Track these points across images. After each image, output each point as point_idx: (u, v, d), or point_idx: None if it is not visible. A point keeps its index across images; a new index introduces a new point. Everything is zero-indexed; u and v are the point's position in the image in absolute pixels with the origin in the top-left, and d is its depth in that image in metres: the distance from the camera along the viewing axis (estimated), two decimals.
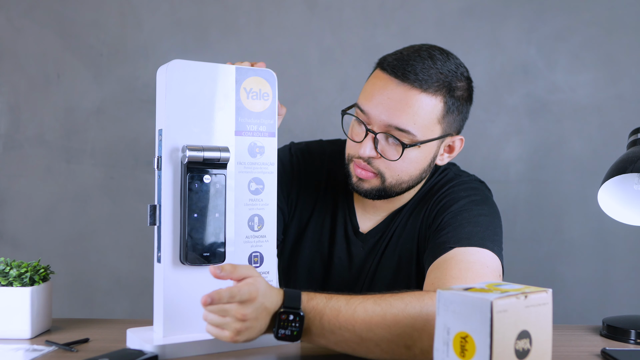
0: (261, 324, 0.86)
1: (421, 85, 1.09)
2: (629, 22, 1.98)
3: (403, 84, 1.09)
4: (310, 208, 1.27)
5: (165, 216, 0.94)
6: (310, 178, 1.29)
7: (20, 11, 2.06)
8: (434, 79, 1.10)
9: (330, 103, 2.02)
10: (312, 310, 0.88)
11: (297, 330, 0.87)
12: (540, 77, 2.00)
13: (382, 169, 1.13)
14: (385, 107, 1.10)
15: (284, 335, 0.87)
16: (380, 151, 1.12)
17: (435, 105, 1.11)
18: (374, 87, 1.13)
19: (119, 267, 2.05)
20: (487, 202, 1.16)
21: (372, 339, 0.87)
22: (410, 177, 1.16)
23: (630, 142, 1.16)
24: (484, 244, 1.04)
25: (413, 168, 1.14)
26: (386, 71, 1.12)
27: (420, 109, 1.10)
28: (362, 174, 1.14)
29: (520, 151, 2.01)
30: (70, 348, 0.96)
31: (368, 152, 1.11)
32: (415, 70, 1.09)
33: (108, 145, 2.06)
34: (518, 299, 0.66)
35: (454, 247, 1.03)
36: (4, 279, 1.02)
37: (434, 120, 1.12)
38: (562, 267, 1.99)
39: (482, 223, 1.09)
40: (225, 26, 2.05)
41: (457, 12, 2.01)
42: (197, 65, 0.96)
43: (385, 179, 1.14)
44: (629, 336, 1.05)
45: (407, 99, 1.09)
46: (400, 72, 1.09)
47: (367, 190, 1.16)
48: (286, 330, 0.87)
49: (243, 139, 1.00)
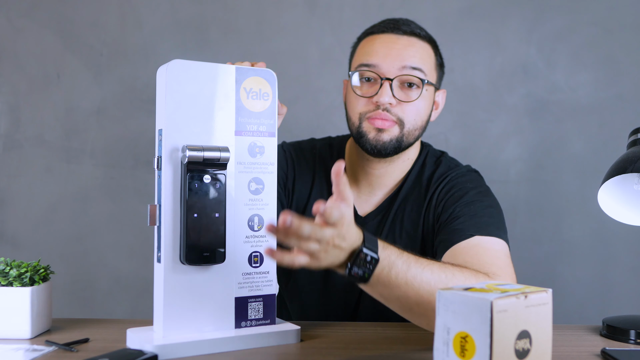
0: (338, 253, 0.82)
1: (417, 34, 1.22)
2: (629, 22, 1.98)
3: (402, 35, 1.21)
4: (305, 199, 1.29)
5: (165, 216, 0.94)
6: (303, 170, 1.32)
7: (20, 11, 2.06)
8: (423, 32, 1.23)
9: (330, 103, 2.02)
10: (385, 258, 0.86)
11: (369, 272, 0.84)
12: (540, 77, 2.00)
13: (401, 114, 1.19)
14: (395, 54, 1.19)
15: (355, 274, 0.84)
16: (397, 96, 1.18)
17: (431, 52, 1.24)
18: (374, 45, 1.22)
19: (119, 267, 2.05)
20: (490, 193, 1.21)
21: (431, 303, 0.86)
22: (422, 122, 1.22)
23: (630, 142, 1.16)
24: (499, 234, 1.08)
25: (424, 113, 1.22)
26: (380, 32, 1.22)
27: (424, 51, 1.22)
28: (384, 124, 1.18)
29: (520, 151, 2.01)
30: (70, 348, 0.96)
31: (388, 99, 1.17)
32: (406, 23, 1.23)
33: (108, 145, 2.06)
34: (518, 299, 0.66)
35: (475, 235, 1.06)
36: (4, 279, 1.02)
37: (433, 65, 1.23)
38: (562, 267, 1.99)
39: (494, 214, 1.13)
40: (225, 26, 2.05)
41: (457, 12, 2.01)
42: (197, 65, 0.96)
43: (404, 125, 1.19)
44: (629, 336, 1.05)
45: (411, 44, 1.20)
46: (395, 27, 1.21)
47: (386, 142, 1.19)
48: (359, 269, 0.84)
49: (243, 139, 1.00)
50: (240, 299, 1.00)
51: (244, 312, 1.00)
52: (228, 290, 0.99)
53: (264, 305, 1.02)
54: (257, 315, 1.01)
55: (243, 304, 1.00)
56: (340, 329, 1.10)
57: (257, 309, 1.01)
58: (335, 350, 0.96)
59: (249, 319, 1.01)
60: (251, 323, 1.01)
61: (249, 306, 1.01)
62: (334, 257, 0.82)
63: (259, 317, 1.01)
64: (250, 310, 1.01)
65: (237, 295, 1.00)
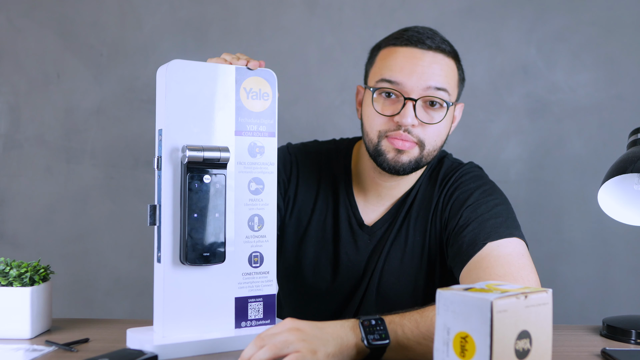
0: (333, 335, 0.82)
1: (442, 50, 1.16)
2: (629, 22, 1.98)
3: (427, 51, 1.15)
4: (310, 207, 1.27)
5: (165, 216, 0.94)
6: (308, 176, 1.29)
7: (20, 11, 2.06)
8: (447, 46, 1.18)
9: (330, 103, 2.02)
10: (390, 322, 0.86)
11: (384, 332, 0.84)
12: (540, 77, 2.00)
13: (422, 136, 1.15)
14: (420, 72, 1.13)
15: (375, 340, 0.83)
16: (419, 117, 1.14)
17: (454, 68, 1.19)
18: (397, 59, 1.15)
19: (119, 267, 2.05)
20: (495, 189, 1.19)
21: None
22: (441, 141, 1.19)
23: (630, 142, 1.16)
24: (511, 232, 1.06)
25: (444, 132, 1.19)
26: (404, 44, 1.16)
27: (448, 68, 1.17)
28: (404, 145, 1.14)
29: (520, 151, 2.01)
30: (70, 348, 0.96)
31: (411, 120, 1.13)
32: (431, 37, 1.16)
33: (108, 145, 2.06)
34: (518, 299, 0.66)
35: (487, 243, 1.05)
36: (4, 279, 1.02)
37: (456, 82, 1.19)
38: (562, 267, 1.99)
39: (502, 212, 1.11)
40: (225, 26, 2.05)
41: (457, 12, 2.01)
42: (197, 65, 0.96)
43: (425, 146, 1.16)
44: (629, 336, 1.05)
45: (436, 61, 1.15)
46: (419, 42, 1.15)
47: (405, 164, 1.16)
48: (374, 334, 0.83)
49: (243, 139, 1.00)
50: (240, 299, 1.00)
51: (244, 312, 1.00)
52: (228, 290, 0.99)
53: (264, 305, 1.02)
54: (257, 315, 1.01)
55: (243, 304, 1.00)
56: None
57: (257, 309, 1.01)
58: None
59: (249, 319, 1.01)
60: (251, 323, 1.01)
61: (249, 306, 1.01)
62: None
63: (259, 317, 1.01)
64: (250, 310, 1.01)
65: (237, 295, 1.00)
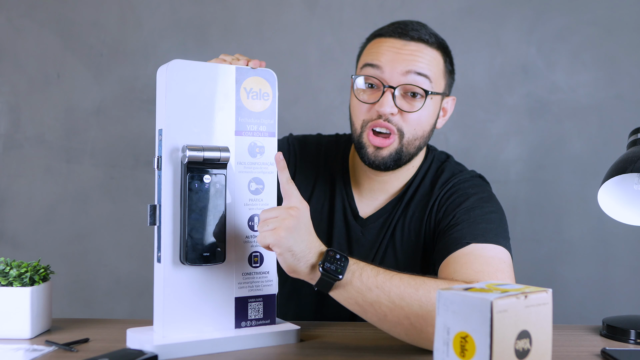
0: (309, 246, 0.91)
1: (425, 41, 1.18)
2: (629, 22, 1.98)
3: (410, 41, 1.18)
4: (306, 197, 1.29)
5: (165, 216, 0.94)
6: (307, 166, 1.32)
7: (20, 11, 2.06)
8: (433, 38, 1.20)
9: (330, 103, 2.02)
10: (355, 262, 0.93)
11: (341, 268, 0.91)
12: (540, 77, 2.00)
13: (401, 124, 1.17)
14: (401, 59, 1.16)
15: (328, 269, 0.90)
16: (399, 106, 1.16)
17: (439, 59, 1.20)
18: (381, 48, 1.19)
19: (118, 267, 2.05)
20: (493, 198, 1.19)
21: (403, 309, 0.90)
22: (422, 132, 1.20)
23: (630, 142, 1.16)
24: (497, 240, 1.07)
25: (426, 122, 1.20)
26: (388, 36, 1.19)
27: (431, 58, 1.18)
28: (383, 143, 1.17)
29: (520, 151, 2.01)
30: (70, 348, 0.96)
31: (389, 109, 1.15)
32: (415, 29, 1.19)
33: (108, 145, 2.06)
34: (518, 299, 0.66)
35: (471, 243, 1.06)
36: (4, 279, 1.02)
37: (440, 73, 1.20)
38: (562, 267, 1.99)
39: (494, 220, 1.12)
40: (225, 26, 2.05)
41: (457, 12, 2.01)
42: (197, 65, 0.96)
43: (404, 135, 1.17)
44: (629, 336, 1.05)
45: (418, 50, 1.17)
46: (403, 33, 1.18)
47: (385, 157, 1.18)
48: (332, 265, 0.90)
49: (243, 139, 1.00)
50: (241, 299, 1.00)
51: (244, 312, 1.00)
52: (228, 290, 0.99)
53: (264, 305, 1.02)
54: (257, 315, 1.01)
55: (243, 304, 1.00)
56: (340, 329, 1.10)
57: (257, 309, 1.01)
58: (335, 350, 0.97)
59: (249, 319, 1.01)
60: (251, 323, 1.01)
61: (249, 306, 1.01)
62: (292, 260, 0.90)
63: (259, 317, 1.02)
64: (250, 310, 1.01)
65: (237, 295, 1.00)
